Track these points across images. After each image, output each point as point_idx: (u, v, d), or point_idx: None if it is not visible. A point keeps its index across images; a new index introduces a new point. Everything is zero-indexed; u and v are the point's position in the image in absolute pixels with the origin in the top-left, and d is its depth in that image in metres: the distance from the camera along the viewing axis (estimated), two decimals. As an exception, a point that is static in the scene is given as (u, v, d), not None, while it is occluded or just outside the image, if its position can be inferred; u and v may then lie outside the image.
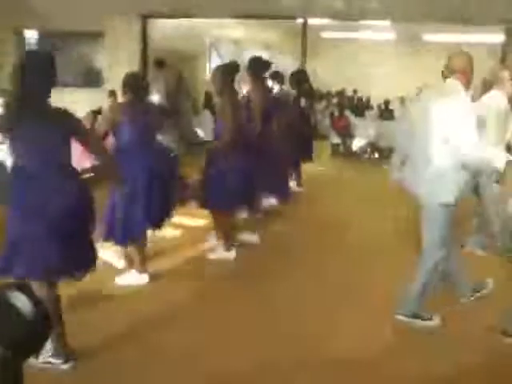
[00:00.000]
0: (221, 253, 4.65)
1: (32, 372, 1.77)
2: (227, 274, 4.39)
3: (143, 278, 4.10)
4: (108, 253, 4.35)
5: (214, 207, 4.60)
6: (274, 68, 10.17)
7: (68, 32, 9.68)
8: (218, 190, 4.42)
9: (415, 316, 3.50)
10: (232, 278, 4.32)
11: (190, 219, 5.58)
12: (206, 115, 10.20)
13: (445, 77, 3.58)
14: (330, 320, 3.63)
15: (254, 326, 3.50)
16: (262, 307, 3.79)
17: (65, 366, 2.93)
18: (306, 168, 7.69)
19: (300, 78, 7.27)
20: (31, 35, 10.46)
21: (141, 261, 4.10)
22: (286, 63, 11.24)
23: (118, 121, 3.87)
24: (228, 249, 4.65)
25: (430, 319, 3.53)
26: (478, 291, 3.82)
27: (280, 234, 5.51)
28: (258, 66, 5.34)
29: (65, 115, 2.89)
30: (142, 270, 4.11)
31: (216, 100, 4.60)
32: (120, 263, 4.34)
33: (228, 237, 4.68)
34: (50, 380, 2.84)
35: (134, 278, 4.08)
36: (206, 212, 4.88)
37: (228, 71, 4.49)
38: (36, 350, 1.34)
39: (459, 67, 3.34)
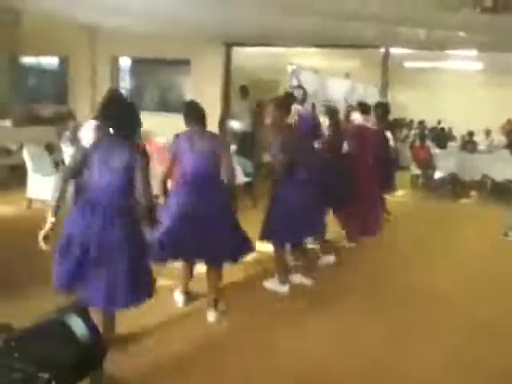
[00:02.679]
0: (275, 284, 4.56)
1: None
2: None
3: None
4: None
5: (276, 239, 4.54)
6: (355, 97, 10.11)
7: (158, 59, 10.26)
8: (280, 221, 4.39)
9: None
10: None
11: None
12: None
13: None
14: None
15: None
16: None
17: None
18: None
19: (384, 109, 7.04)
20: (125, 62, 11.22)
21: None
22: (367, 92, 11.11)
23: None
24: (283, 282, 4.55)
25: None
26: None
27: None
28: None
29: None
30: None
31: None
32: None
33: (283, 270, 4.60)
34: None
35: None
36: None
37: (282, 104, 4.49)
38: (86, 374, 1.39)
39: None
